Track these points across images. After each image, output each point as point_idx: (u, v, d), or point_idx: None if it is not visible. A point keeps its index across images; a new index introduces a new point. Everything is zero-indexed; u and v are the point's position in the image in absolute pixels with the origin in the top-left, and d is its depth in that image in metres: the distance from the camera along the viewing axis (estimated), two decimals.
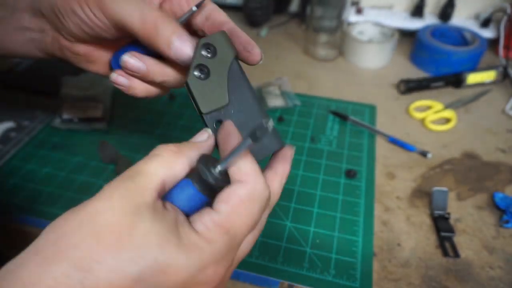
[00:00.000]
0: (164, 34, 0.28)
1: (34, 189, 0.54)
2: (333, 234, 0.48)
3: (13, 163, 0.58)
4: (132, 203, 0.21)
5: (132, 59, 0.31)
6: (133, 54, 0.31)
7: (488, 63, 0.77)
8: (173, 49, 0.28)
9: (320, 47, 0.82)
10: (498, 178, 0.55)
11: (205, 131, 0.29)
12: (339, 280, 0.43)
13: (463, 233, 0.48)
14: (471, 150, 0.60)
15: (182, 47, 0.28)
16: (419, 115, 0.66)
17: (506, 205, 0.50)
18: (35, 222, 0.50)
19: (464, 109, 0.68)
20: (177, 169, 0.25)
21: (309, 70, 0.79)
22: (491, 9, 0.82)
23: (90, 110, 0.64)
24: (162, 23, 0.28)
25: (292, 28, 0.94)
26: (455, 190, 0.53)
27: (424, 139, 0.62)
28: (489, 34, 0.82)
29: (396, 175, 0.56)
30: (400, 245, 0.47)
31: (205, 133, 0.29)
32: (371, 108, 0.68)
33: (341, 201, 0.51)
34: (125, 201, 0.21)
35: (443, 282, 0.43)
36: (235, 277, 0.43)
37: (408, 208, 0.51)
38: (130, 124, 0.65)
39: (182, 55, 0.29)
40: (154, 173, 0.23)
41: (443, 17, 0.85)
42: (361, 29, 0.84)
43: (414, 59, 0.81)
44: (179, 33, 0.28)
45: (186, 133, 0.63)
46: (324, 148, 0.60)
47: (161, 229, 0.21)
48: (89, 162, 0.58)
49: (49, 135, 0.63)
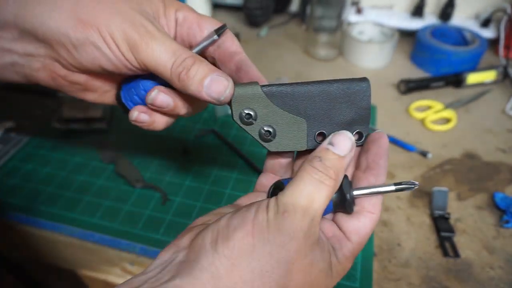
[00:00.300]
0: (197, 77, 0.27)
1: (34, 189, 0.54)
2: None
3: (13, 163, 0.58)
4: (311, 241, 0.24)
5: (161, 96, 0.30)
6: (160, 90, 0.30)
7: (488, 63, 0.77)
8: (206, 91, 0.27)
9: (320, 47, 0.81)
10: (498, 178, 0.55)
11: (350, 141, 0.27)
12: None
13: (463, 233, 0.48)
14: (471, 150, 0.60)
15: (214, 86, 0.27)
16: (419, 115, 0.66)
17: (506, 205, 0.50)
18: (35, 222, 0.50)
19: (464, 109, 0.68)
20: None
21: (309, 70, 0.79)
22: (491, 9, 0.82)
23: (90, 110, 0.64)
24: (194, 67, 0.27)
25: (292, 28, 0.94)
26: (455, 190, 0.53)
27: (424, 139, 0.62)
28: (489, 34, 0.82)
29: (396, 175, 0.56)
30: (400, 245, 0.47)
31: (349, 145, 0.27)
32: (371, 108, 0.68)
33: None
34: (306, 241, 0.24)
35: (443, 282, 0.43)
36: None
37: (408, 208, 0.51)
38: (130, 124, 0.65)
39: (216, 95, 0.28)
40: (324, 206, 0.25)
41: (443, 17, 0.85)
42: (361, 29, 0.84)
43: (414, 59, 0.81)
44: (210, 75, 0.28)
45: (186, 134, 0.63)
46: None
47: (326, 267, 0.25)
48: (89, 162, 0.58)
49: (49, 135, 0.63)
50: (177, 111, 0.32)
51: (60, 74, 0.31)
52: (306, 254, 0.24)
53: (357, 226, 0.27)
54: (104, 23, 0.27)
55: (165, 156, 0.58)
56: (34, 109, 0.68)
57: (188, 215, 0.50)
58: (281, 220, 0.23)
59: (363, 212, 0.28)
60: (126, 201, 0.52)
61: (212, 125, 0.64)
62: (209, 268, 0.23)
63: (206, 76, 0.27)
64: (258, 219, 0.24)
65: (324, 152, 0.26)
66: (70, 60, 0.29)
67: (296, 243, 0.23)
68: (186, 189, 0.53)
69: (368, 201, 0.28)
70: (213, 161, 0.58)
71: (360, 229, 0.27)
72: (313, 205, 0.24)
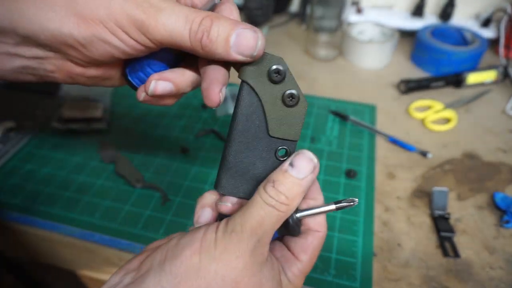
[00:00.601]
0: (220, 38, 0.24)
1: (34, 189, 0.54)
2: (333, 234, 0.47)
3: (13, 163, 0.58)
4: (258, 261, 0.24)
5: (159, 85, 0.28)
6: (160, 77, 0.28)
7: (488, 63, 0.77)
8: (234, 50, 0.24)
9: (320, 47, 0.81)
10: (499, 178, 0.55)
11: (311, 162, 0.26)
12: (339, 280, 0.43)
13: (463, 233, 0.48)
14: (471, 150, 0.60)
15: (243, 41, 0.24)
16: (419, 115, 0.66)
17: (507, 205, 0.50)
18: (35, 222, 0.50)
19: (464, 109, 0.68)
20: None
21: (309, 70, 0.79)
22: (491, 9, 0.82)
23: (90, 110, 0.64)
24: (214, 27, 0.24)
25: (292, 28, 0.94)
26: (455, 190, 0.53)
27: (424, 139, 0.62)
28: (489, 34, 0.82)
29: (396, 175, 0.56)
30: (400, 245, 0.47)
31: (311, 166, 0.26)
32: (371, 108, 0.68)
33: None
34: (253, 260, 0.24)
35: (443, 282, 0.43)
36: None
37: (408, 208, 0.51)
38: (130, 124, 0.65)
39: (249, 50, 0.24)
40: (273, 229, 0.25)
41: (443, 17, 0.85)
42: (361, 29, 0.84)
43: (414, 59, 0.81)
44: (234, 30, 0.24)
45: (186, 134, 0.63)
46: (324, 148, 0.60)
47: (275, 285, 0.26)
48: (89, 162, 0.58)
49: (49, 135, 0.63)
50: (180, 92, 0.30)
51: (76, 72, 0.29)
52: (253, 273, 0.24)
53: (305, 246, 0.28)
54: (105, 12, 0.24)
55: (165, 156, 0.58)
56: (34, 109, 0.68)
57: (188, 215, 0.50)
58: (228, 239, 0.24)
59: (309, 232, 0.29)
60: (126, 201, 0.52)
61: (212, 125, 0.64)
62: (155, 287, 0.23)
63: (230, 34, 0.24)
64: (206, 238, 0.24)
65: (281, 175, 0.25)
66: (82, 58, 0.27)
67: (243, 262, 0.24)
68: (186, 189, 0.53)
69: (313, 221, 0.29)
70: (213, 161, 0.58)
71: (308, 248, 0.28)
72: (261, 227, 0.24)
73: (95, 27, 0.25)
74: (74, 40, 0.25)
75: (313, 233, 0.29)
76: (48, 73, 0.29)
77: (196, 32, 0.24)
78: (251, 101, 0.26)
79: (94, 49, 0.26)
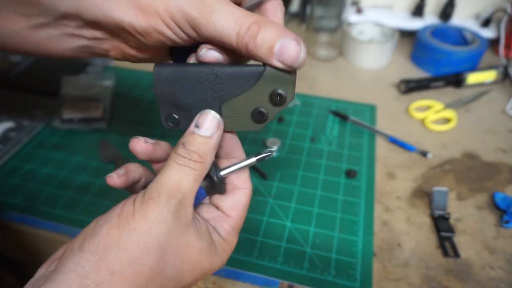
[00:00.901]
0: (265, 45, 0.25)
1: (34, 189, 0.54)
2: (333, 234, 0.47)
3: (13, 163, 0.58)
4: (182, 223, 0.25)
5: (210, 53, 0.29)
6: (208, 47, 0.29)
7: (488, 63, 0.77)
8: (277, 58, 0.25)
9: (320, 47, 0.81)
10: (498, 178, 0.55)
11: (215, 120, 0.28)
12: (339, 280, 0.43)
13: (463, 233, 0.48)
14: (471, 150, 0.60)
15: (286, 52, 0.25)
16: (419, 115, 0.66)
17: (507, 205, 0.50)
18: (35, 222, 0.50)
19: (464, 109, 0.68)
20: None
21: (309, 70, 0.79)
22: (491, 9, 0.82)
23: (90, 110, 0.64)
24: (260, 33, 0.25)
25: (292, 28, 0.94)
26: (455, 190, 0.53)
27: (424, 139, 0.62)
28: (489, 34, 0.82)
29: (396, 175, 0.56)
30: (400, 245, 0.47)
31: (215, 124, 0.28)
32: (371, 108, 0.68)
33: (341, 201, 0.51)
34: (177, 222, 0.24)
35: (443, 282, 0.43)
36: (235, 277, 0.43)
37: (408, 208, 0.51)
38: (130, 124, 0.65)
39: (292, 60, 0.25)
40: (193, 191, 0.26)
41: (443, 17, 0.85)
42: (361, 29, 0.84)
43: (414, 59, 0.81)
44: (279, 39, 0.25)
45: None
46: (324, 148, 0.60)
47: (206, 245, 0.26)
48: (89, 162, 0.58)
49: (49, 135, 0.63)
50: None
51: (129, 53, 0.32)
52: (179, 236, 0.24)
53: (233, 202, 0.30)
54: (163, 7, 0.26)
55: None
56: (34, 109, 0.68)
57: None
58: (146, 207, 0.24)
59: (236, 190, 0.30)
60: None
61: None
62: (75, 268, 0.22)
63: (275, 43, 0.25)
64: (124, 212, 0.24)
65: (189, 136, 0.27)
66: (137, 43, 0.30)
67: (165, 227, 0.23)
68: None
69: (238, 178, 0.30)
70: None
71: (236, 204, 0.30)
72: (179, 189, 0.25)
73: (153, 19, 0.27)
74: (133, 28, 0.27)
75: (239, 190, 0.30)
76: (104, 52, 0.32)
77: (243, 36, 0.25)
78: (250, 76, 0.27)
79: (149, 38, 0.28)
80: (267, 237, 0.47)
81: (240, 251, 0.45)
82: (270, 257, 0.45)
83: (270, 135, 0.62)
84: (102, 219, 0.25)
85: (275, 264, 0.44)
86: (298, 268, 0.44)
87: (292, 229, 0.48)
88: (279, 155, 0.59)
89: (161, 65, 0.28)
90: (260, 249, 0.46)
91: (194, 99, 0.28)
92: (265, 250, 0.46)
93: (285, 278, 0.43)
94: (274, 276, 0.43)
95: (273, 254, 0.45)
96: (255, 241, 0.47)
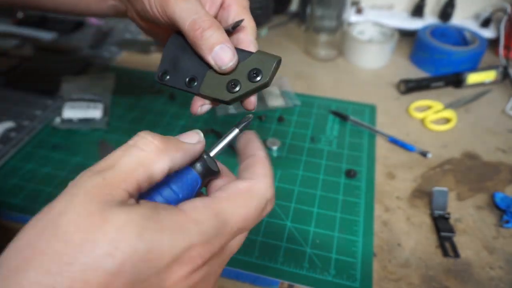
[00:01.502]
0: (209, 41, 0.30)
1: (34, 189, 0.54)
2: (333, 234, 0.48)
3: (13, 163, 0.58)
4: (99, 199, 0.19)
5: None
6: None
7: (488, 63, 0.77)
8: (213, 55, 0.31)
9: (320, 47, 0.81)
10: (498, 178, 0.55)
11: (196, 133, 0.27)
12: (339, 280, 0.43)
13: (463, 233, 0.48)
14: (471, 150, 0.60)
15: (222, 55, 0.30)
16: (419, 115, 0.66)
17: (506, 205, 0.50)
18: None
19: (464, 109, 0.68)
20: (156, 170, 0.22)
21: (309, 70, 0.79)
22: (491, 9, 0.82)
23: (90, 110, 0.64)
24: (209, 30, 0.30)
25: (292, 28, 0.94)
26: (455, 190, 0.53)
27: (424, 139, 0.62)
28: (489, 34, 0.82)
29: (396, 175, 0.56)
30: (400, 245, 0.47)
31: (196, 135, 0.26)
32: (371, 108, 0.68)
33: (341, 201, 0.51)
34: (90, 198, 0.19)
35: (443, 282, 0.43)
36: (235, 277, 0.43)
37: (408, 208, 0.51)
38: (130, 124, 0.65)
39: (222, 63, 0.31)
40: (130, 172, 0.21)
41: (443, 17, 0.85)
42: (361, 29, 0.84)
43: (414, 59, 0.81)
44: (222, 43, 0.30)
45: None
46: (324, 148, 0.60)
47: (137, 218, 0.19)
48: (89, 162, 0.58)
49: (49, 135, 0.63)
50: None
51: (134, 17, 0.39)
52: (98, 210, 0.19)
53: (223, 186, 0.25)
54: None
55: None
56: (34, 109, 0.68)
57: None
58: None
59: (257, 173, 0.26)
60: None
61: (212, 124, 0.64)
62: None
63: (218, 43, 0.30)
64: None
65: None
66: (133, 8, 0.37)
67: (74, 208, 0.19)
68: None
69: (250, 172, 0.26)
70: None
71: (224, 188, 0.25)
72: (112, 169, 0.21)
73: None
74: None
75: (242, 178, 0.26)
76: (125, 13, 0.41)
77: (195, 23, 0.31)
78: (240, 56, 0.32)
79: (137, 5, 0.35)
80: (267, 237, 0.47)
81: (240, 251, 0.45)
82: (270, 257, 0.45)
83: (270, 135, 0.62)
84: None
85: (275, 264, 0.44)
86: (298, 268, 0.44)
87: (292, 229, 0.48)
88: (279, 155, 0.59)
89: (178, 33, 0.33)
90: (260, 249, 0.46)
91: (189, 64, 0.33)
92: (265, 250, 0.46)
93: (285, 278, 0.43)
94: (274, 276, 0.43)
95: (273, 254, 0.45)
96: (255, 241, 0.47)
